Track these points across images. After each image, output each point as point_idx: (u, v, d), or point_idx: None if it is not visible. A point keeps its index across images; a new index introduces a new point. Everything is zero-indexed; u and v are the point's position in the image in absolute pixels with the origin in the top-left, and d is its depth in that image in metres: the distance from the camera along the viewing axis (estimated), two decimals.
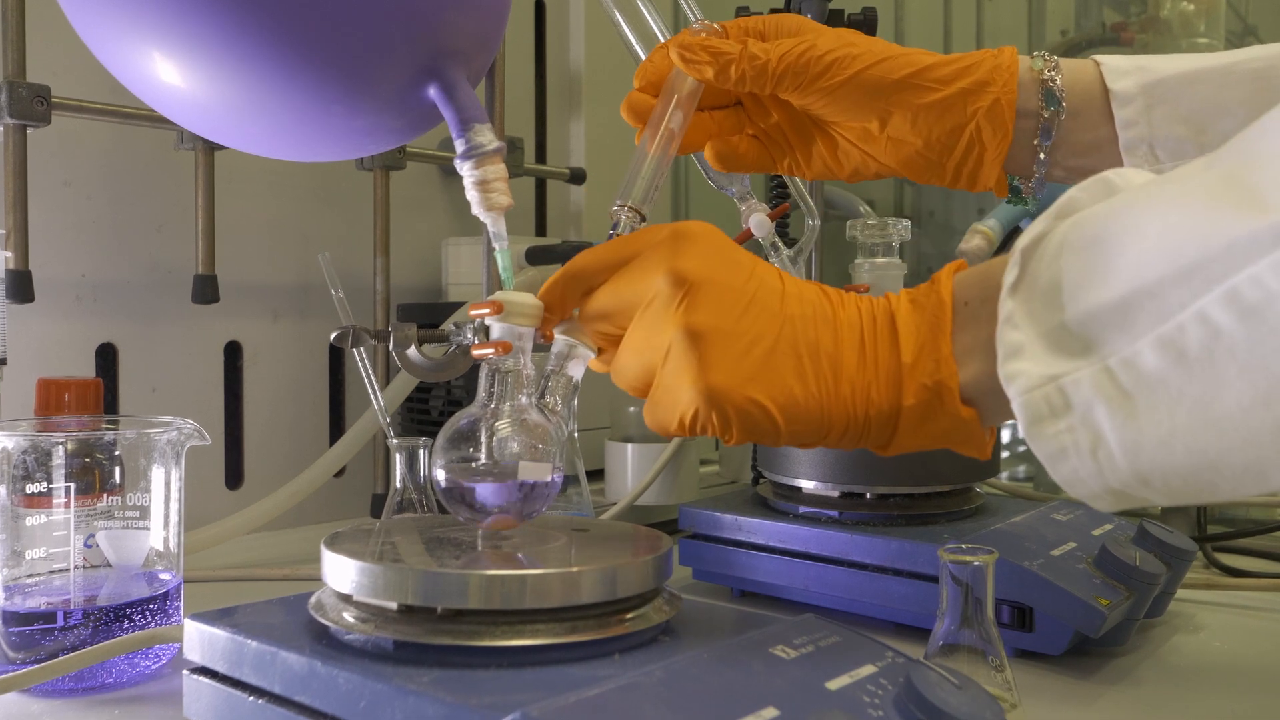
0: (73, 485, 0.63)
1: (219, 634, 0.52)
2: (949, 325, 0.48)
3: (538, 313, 0.55)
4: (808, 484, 0.80)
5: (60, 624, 0.62)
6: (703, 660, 0.46)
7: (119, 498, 0.66)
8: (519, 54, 1.42)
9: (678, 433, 0.51)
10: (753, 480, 1.03)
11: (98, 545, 0.65)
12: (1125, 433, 0.40)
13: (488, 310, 0.54)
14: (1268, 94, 0.60)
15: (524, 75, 1.43)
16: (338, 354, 1.20)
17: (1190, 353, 0.38)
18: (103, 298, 1.01)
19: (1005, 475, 1.32)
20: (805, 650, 0.49)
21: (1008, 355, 0.44)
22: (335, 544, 0.53)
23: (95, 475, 0.65)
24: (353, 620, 0.50)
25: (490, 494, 0.55)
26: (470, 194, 0.59)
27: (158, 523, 0.67)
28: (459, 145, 0.59)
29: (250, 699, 0.50)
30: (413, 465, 0.73)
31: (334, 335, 0.69)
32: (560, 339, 0.56)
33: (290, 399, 1.16)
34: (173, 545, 0.68)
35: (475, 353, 0.56)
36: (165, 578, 0.67)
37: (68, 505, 0.63)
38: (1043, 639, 0.67)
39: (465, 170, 0.59)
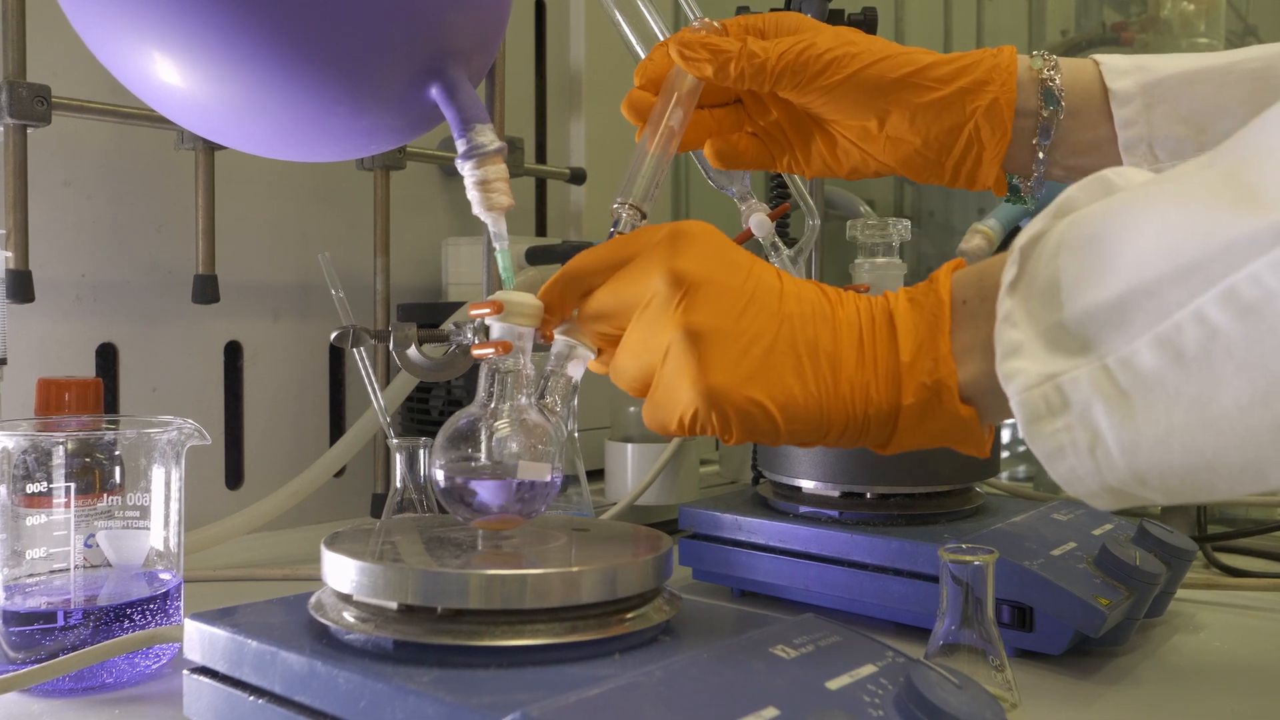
0: (73, 485, 0.64)
1: (219, 634, 0.52)
2: (947, 324, 0.48)
3: (538, 313, 0.55)
4: (808, 484, 0.80)
5: (60, 624, 0.62)
6: (703, 660, 0.46)
7: (119, 497, 0.66)
8: (519, 54, 1.42)
9: (677, 433, 0.51)
10: (753, 480, 1.03)
11: (98, 545, 0.65)
12: (1123, 432, 0.40)
13: (488, 310, 0.54)
14: (1267, 94, 0.60)
15: (524, 75, 1.43)
16: (338, 354, 1.20)
17: (1188, 352, 0.38)
18: (103, 298, 1.01)
19: (1005, 475, 1.32)
20: (805, 650, 0.49)
21: (1006, 354, 0.44)
22: (335, 544, 0.53)
23: (95, 475, 0.65)
24: (353, 620, 0.50)
25: (490, 494, 0.55)
26: (471, 194, 0.59)
27: (158, 522, 0.67)
28: (460, 145, 0.59)
29: (250, 699, 0.50)
30: (413, 465, 0.73)
31: (334, 335, 0.69)
32: (560, 339, 0.56)
33: (290, 399, 1.16)
34: (173, 545, 0.68)
35: (475, 353, 0.56)
36: (165, 577, 0.67)
37: (68, 505, 0.64)
38: (1043, 639, 0.67)
39: (466, 170, 0.59)
